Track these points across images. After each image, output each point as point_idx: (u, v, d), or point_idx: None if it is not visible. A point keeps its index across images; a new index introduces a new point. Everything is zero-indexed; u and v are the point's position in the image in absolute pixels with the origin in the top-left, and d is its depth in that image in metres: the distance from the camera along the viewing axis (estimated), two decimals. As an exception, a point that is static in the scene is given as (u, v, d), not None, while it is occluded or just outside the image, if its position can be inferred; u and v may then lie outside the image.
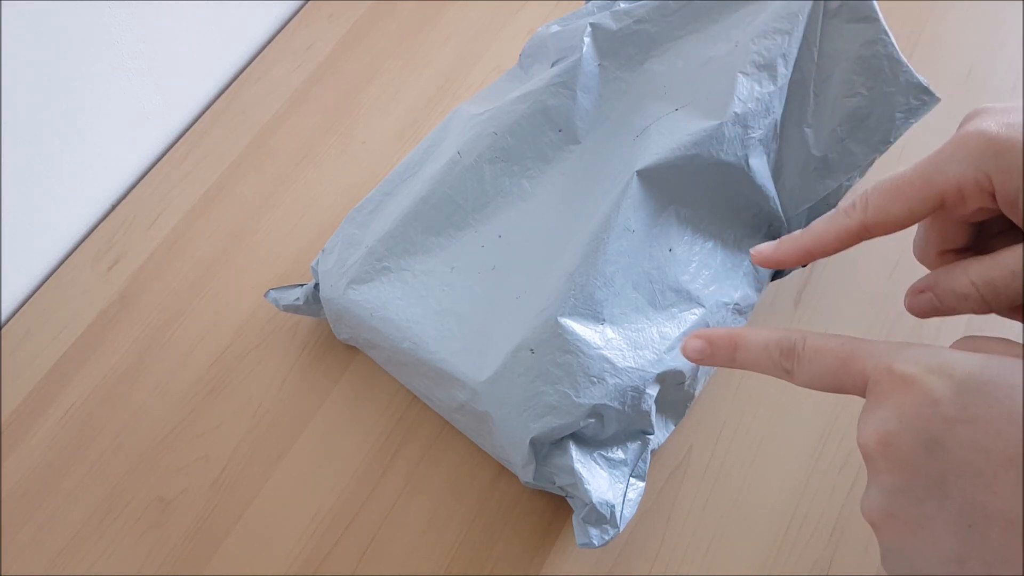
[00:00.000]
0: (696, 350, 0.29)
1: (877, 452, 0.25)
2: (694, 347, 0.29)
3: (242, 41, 0.60)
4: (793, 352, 0.27)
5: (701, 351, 0.29)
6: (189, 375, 0.48)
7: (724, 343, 0.29)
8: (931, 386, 0.24)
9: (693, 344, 0.29)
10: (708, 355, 0.29)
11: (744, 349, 0.28)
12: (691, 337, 0.29)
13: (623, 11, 0.45)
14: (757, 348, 0.28)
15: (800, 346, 0.27)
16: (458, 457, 0.45)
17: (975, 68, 0.55)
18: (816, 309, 0.48)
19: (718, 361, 0.29)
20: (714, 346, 0.29)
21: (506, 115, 0.44)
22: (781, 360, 0.28)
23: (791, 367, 0.27)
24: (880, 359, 0.25)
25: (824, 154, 0.44)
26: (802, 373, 0.27)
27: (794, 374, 0.27)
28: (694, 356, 0.29)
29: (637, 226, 0.41)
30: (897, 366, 0.25)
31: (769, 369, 0.28)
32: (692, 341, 0.29)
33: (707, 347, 0.29)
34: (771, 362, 0.28)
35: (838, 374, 0.26)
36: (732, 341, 0.29)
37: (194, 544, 0.43)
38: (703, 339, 0.29)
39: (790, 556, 0.41)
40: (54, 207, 0.52)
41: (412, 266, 0.43)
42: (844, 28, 0.43)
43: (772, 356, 0.28)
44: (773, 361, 0.28)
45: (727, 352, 0.29)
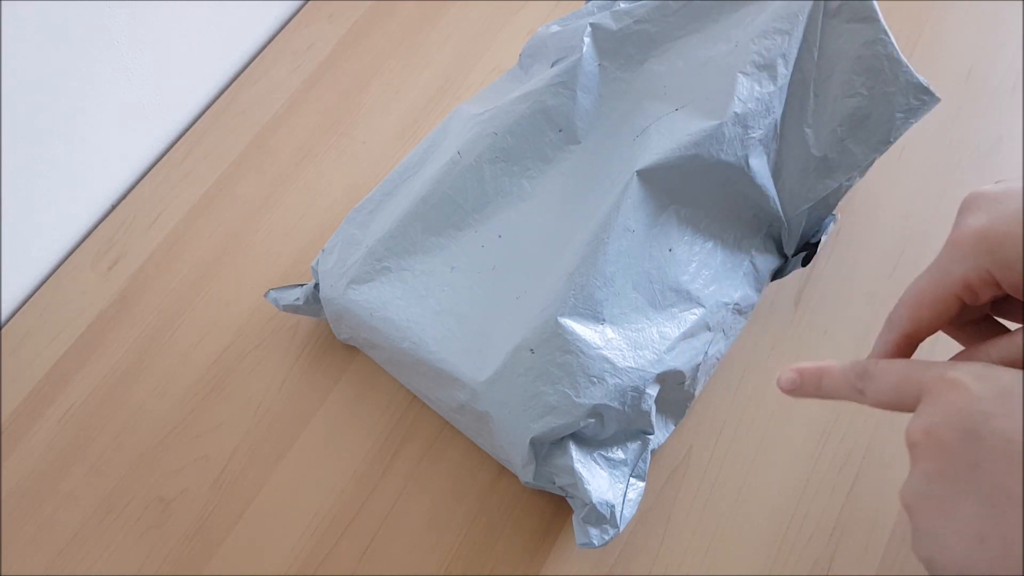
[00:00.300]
0: (790, 381, 0.33)
1: (921, 441, 0.27)
2: (788, 379, 0.33)
3: (242, 41, 0.60)
4: (866, 373, 0.31)
5: (794, 383, 0.33)
6: (189, 375, 0.48)
7: (812, 375, 0.33)
8: (976, 388, 0.27)
9: (788, 376, 0.33)
10: (799, 386, 0.33)
11: (828, 377, 0.32)
12: (787, 371, 0.33)
13: (623, 11, 0.45)
14: (838, 376, 0.32)
15: (872, 369, 0.31)
16: (458, 457, 0.45)
17: (975, 68, 0.55)
18: (816, 309, 0.48)
19: (807, 390, 0.33)
20: (804, 377, 0.33)
21: (506, 115, 0.44)
22: (856, 382, 0.31)
23: (863, 386, 0.31)
24: (936, 371, 0.28)
25: (824, 154, 0.44)
26: (871, 390, 0.30)
27: (866, 392, 0.31)
28: (788, 387, 0.33)
29: (637, 226, 0.41)
30: (949, 374, 0.28)
31: (846, 392, 0.31)
32: (787, 374, 0.33)
33: (798, 379, 0.33)
34: (848, 385, 0.31)
35: (900, 387, 0.29)
36: (819, 373, 0.32)
37: (194, 544, 0.43)
38: (796, 372, 0.33)
39: (790, 556, 0.41)
40: (54, 207, 0.52)
41: (412, 266, 0.43)
42: (844, 28, 0.43)
43: (849, 380, 0.31)
44: (850, 384, 0.31)
45: (815, 382, 0.32)
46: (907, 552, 0.41)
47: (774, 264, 0.46)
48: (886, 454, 0.44)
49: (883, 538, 0.42)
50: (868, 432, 0.44)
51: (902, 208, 0.50)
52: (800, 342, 0.47)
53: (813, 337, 0.47)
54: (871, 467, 0.43)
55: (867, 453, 0.44)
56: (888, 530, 0.42)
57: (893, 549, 0.41)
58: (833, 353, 0.46)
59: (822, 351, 0.46)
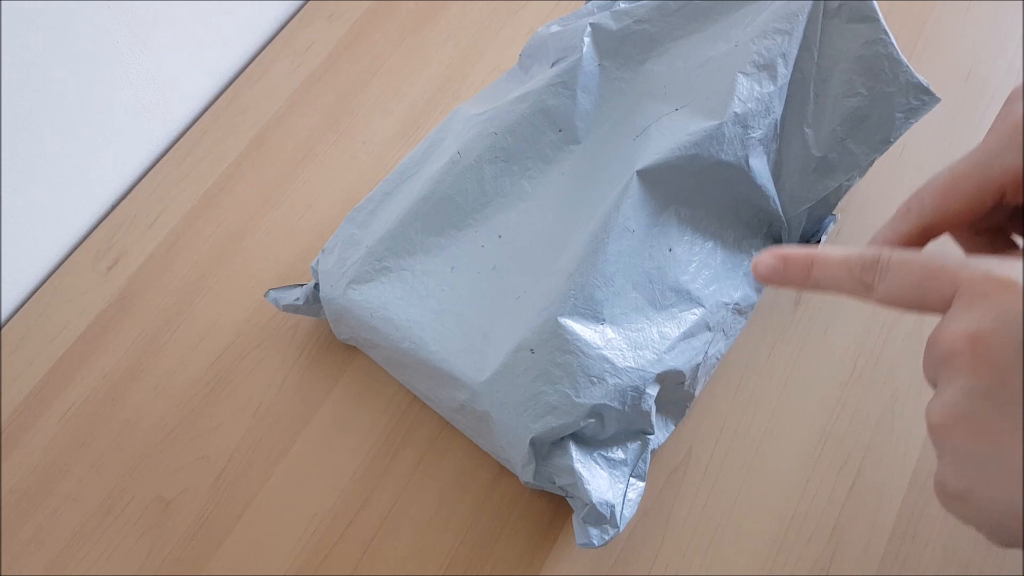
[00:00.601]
0: (769, 267, 0.28)
1: (965, 350, 0.23)
2: (767, 264, 0.28)
3: (242, 41, 0.60)
4: (876, 265, 0.26)
5: (774, 269, 0.28)
6: (189, 375, 0.48)
7: (800, 261, 0.27)
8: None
9: (766, 261, 0.28)
10: (780, 274, 0.28)
11: (821, 266, 0.27)
12: (765, 254, 0.28)
13: (623, 11, 0.45)
14: (835, 264, 0.27)
15: (886, 257, 0.26)
16: (458, 457, 0.45)
17: (975, 68, 0.55)
18: (816, 309, 0.48)
19: (791, 279, 0.28)
20: (788, 264, 0.27)
21: (506, 115, 0.44)
22: (861, 274, 0.26)
23: (872, 280, 0.26)
24: (975, 267, 0.24)
25: (824, 154, 0.44)
26: (884, 286, 0.26)
27: (874, 288, 0.26)
28: (766, 274, 0.28)
29: (637, 226, 0.41)
30: (996, 271, 0.23)
31: (846, 285, 0.27)
32: (765, 258, 0.28)
33: (780, 265, 0.28)
34: (850, 277, 0.26)
35: (924, 284, 0.25)
36: (808, 259, 0.27)
37: (194, 544, 0.43)
38: (777, 257, 0.27)
39: (790, 556, 0.41)
40: (54, 207, 0.52)
41: (412, 266, 0.43)
42: (844, 28, 0.43)
43: (852, 271, 0.26)
44: (852, 276, 0.26)
45: (802, 270, 0.27)
46: (907, 552, 0.41)
47: (774, 264, 0.46)
48: (886, 454, 0.44)
49: (883, 538, 0.42)
50: (868, 432, 0.44)
51: (902, 208, 0.50)
52: (800, 342, 0.47)
53: (813, 337, 0.47)
54: (871, 467, 0.43)
55: (867, 453, 0.44)
56: (888, 530, 0.42)
57: (893, 549, 0.41)
58: (833, 353, 0.46)
59: (822, 351, 0.46)
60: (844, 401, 0.45)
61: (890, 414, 0.44)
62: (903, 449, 0.44)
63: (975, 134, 0.52)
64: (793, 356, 0.46)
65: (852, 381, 0.45)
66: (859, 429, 0.44)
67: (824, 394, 0.45)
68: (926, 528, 0.42)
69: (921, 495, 0.42)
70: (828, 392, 0.45)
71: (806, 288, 0.28)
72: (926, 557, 0.41)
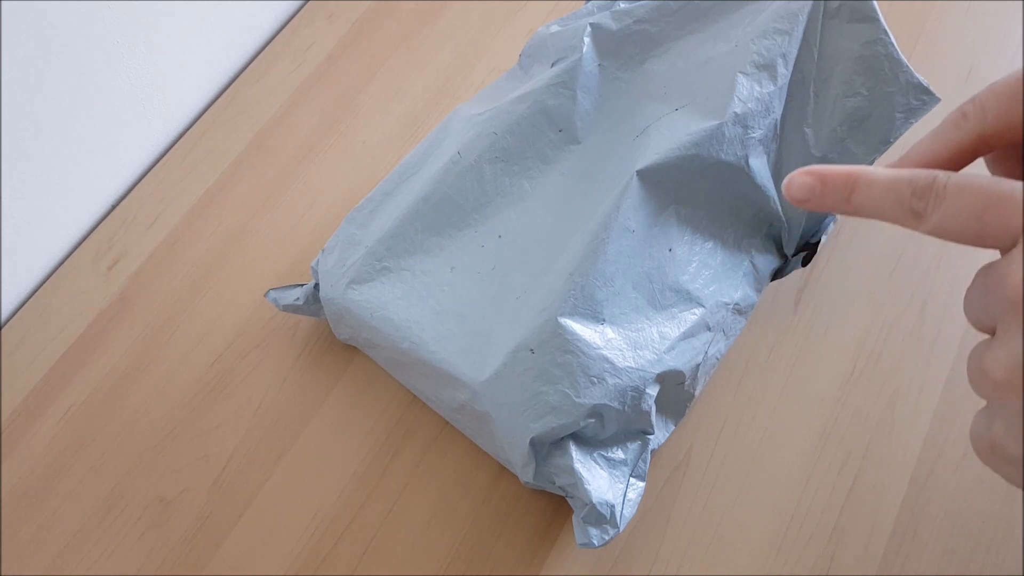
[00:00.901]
0: (805, 187, 0.25)
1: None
2: (802, 184, 0.25)
3: (242, 41, 0.60)
4: (931, 189, 0.22)
5: (810, 189, 0.25)
6: (189, 375, 0.48)
7: (840, 181, 0.24)
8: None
9: (801, 181, 0.25)
10: (818, 195, 0.25)
11: (865, 188, 0.24)
12: (800, 173, 0.24)
13: (623, 11, 0.45)
14: (882, 187, 0.23)
15: (942, 181, 0.22)
16: (458, 457, 0.45)
17: (975, 68, 0.55)
18: (816, 309, 0.48)
19: (829, 202, 0.24)
20: (827, 184, 0.24)
21: (506, 115, 0.44)
22: (912, 201, 0.23)
23: (924, 208, 0.23)
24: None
25: (824, 154, 0.44)
26: (938, 215, 0.22)
27: (926, 217, 0.23)
28: (800, 195, 0.25)
29: (637, 226, 0.41)
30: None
31: (893, 212, 0.23)
32: (801, 178, 0.24)
33: (818, 185, 0.25)
34: (897, 203, 0.23)
35: (985, 216, 0.22)
36: (851, 179, 0.24)
37: (194, 544, 0.43)
38: (814, 176, 0.24)
39: (790, 556, 0.41)
40: (54, 207, 0.52)
41: (412, 266, 0.43)
42: (844, 28, 0.43)
43: (901, 196, 0.23)
44: (901, 201, 0.23)
45: (842, 192, 0.24)
46: (907, 552, 0.41)
47: (774, 264, 0.46)
48: (886, 454, 0.44)
49: (883, 538, 0.42)
50: (868, 432, 0.44)
51: (902, 208, 0.50)
52: (800, 342, 0.47)
53: (813, 337, 0.47)
54: (871, 467, 0.43)
55: (867, 453, 0.44)
56: (888, 530, 0.42)
57: (893, 549, 0.41)
58: (833, 353, 0.46)
59: (822, 351, 0.46)
60: (844, 401, 0.45)
61: (890, 414, 0.44)
62: (903, 449, 0.44)
63: (975, 134, 0.52)
64: (793, 356, 0.46)
65: (852, 381, 0.45)
66: (859, 429, 0.44)
67: (824, 394, 0.45)
68: (926, 528, 0.42)
69: (921, 495, 0.42)
70: (828, 392, 0.45)
71: (845, 212, 0.25)
72: (926, 557, 0.41)
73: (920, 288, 0.48)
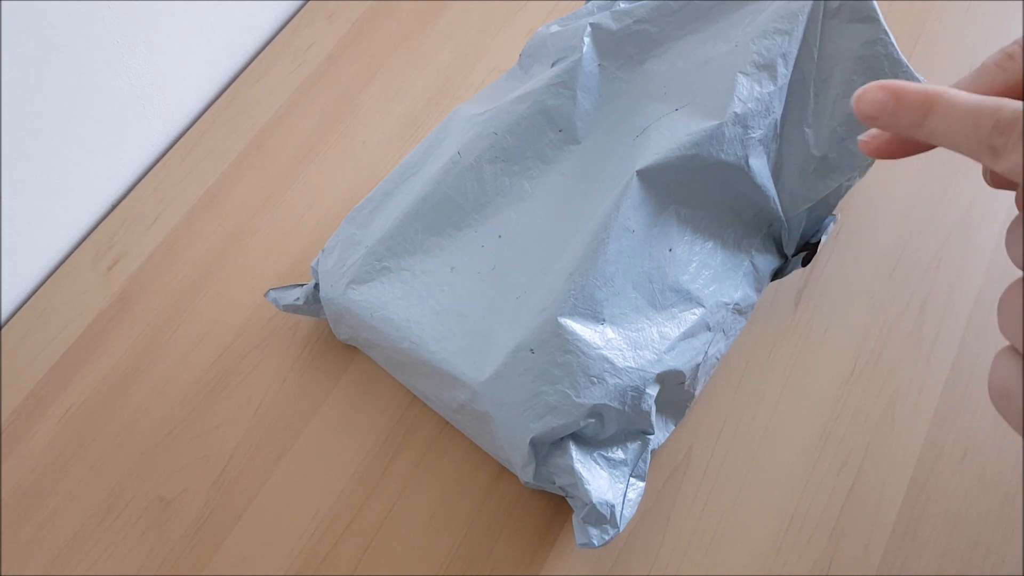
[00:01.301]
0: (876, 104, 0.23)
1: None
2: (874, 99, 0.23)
3: (242, 41, 0.60)
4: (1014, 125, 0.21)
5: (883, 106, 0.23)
6: (189, 375, 0.48)
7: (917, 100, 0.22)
8: None
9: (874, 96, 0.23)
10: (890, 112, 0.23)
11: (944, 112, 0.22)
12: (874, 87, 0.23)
13: (623, 11, 0.45)
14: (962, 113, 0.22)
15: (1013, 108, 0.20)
16: (458, 457, 0.45)
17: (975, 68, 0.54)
18: (816, 309, 0.48)
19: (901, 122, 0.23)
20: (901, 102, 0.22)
21: (506, 115, 0.44)
22: (993, 134, 0.21)
23: (1004, 144, 0.21)
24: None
25: (824, 154, 0.44)
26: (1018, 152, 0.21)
27: (1004, 154, 0.21)
28: (871, 110, 0.23)
29: (637, 226, 0.41)
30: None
31: (968, 143, 0.22)
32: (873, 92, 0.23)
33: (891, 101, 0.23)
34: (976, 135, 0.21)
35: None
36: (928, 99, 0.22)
37: (194, 544, 0.43)
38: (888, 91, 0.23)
39: (790, 556, 0.41)
40: (54, 207, 0.52)
41: (412, 266, 0.43)
42: (844, 28, 0.43)
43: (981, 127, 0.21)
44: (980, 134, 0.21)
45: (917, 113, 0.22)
46: (907, 552, 0.41)
47: (774, 264, 0.46)
48: (886, 454, 0.44)
49: (883, 538, 0.42)
50: (868, 432, 0.44)
51: (902, 208, 0.50)
52: (800, 342, 0.47)
53: (813, 337, 0.47)
54: (871, 467, 0.43)
55: (867, 453, 0.44)
56: (888, 530, 0.42)
57: (893, 549, 0.41)
58: (833, 353, 0.46)
59: (822, 351, 0.46)
60: (844, 401, 0.45)
61: (890, 414, 0.44)
62: (903, 449, 0.44)
63: (975, 134, 0.52)
64: (793, 356, 0.46)
65: (852, 381, 0.45)
66: (859, 429, 0.44)
67: (824, 394, 0.45)
68: (926, 528, 0.42)
69: (921, 495, 0.42)
70: (828, 392, 0.45)
71: (917, 135, 0.23)
72: (926, 557, 0.41)
73: (920, 288, 0.48)
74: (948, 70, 0.55)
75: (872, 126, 0.23)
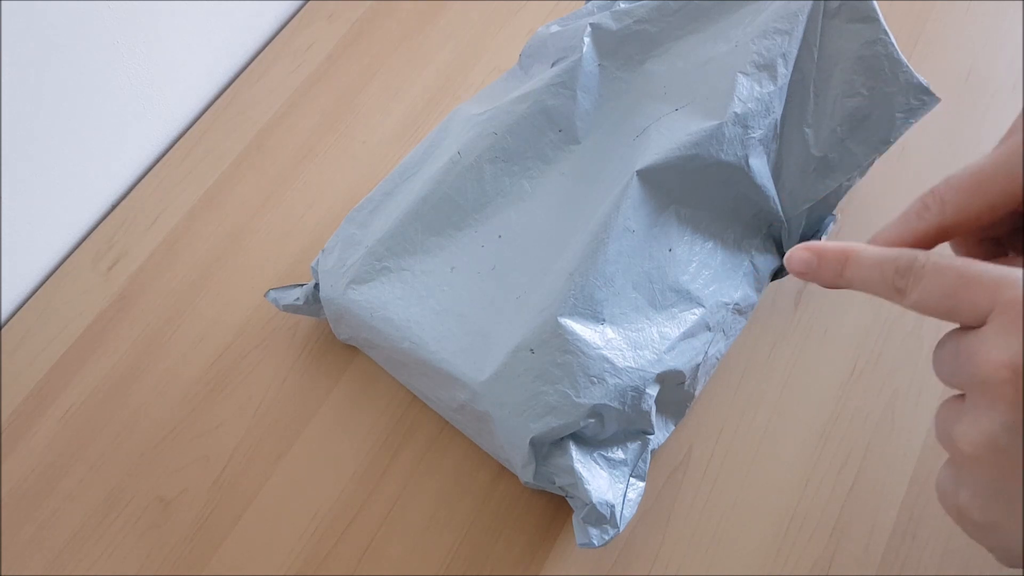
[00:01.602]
0: (803, 262, 0.27)
1: (1008, 380, 0.22)
2: (801, 259, 0.27)
3: (242, 41, 0.60)
4: (911, 270, 0.25)
5: (808, 264, 0.27)
6: (189, 375, 0.48)
7: (833, 257, 0.26)
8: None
9: (800, 256, 0.27)
10: (814, 270, 0.27)
11: (855, 265, 0.26)
12: (799, 248, 0.27)
13: (623, 11, 0.45)
14: (869, 264, 0.26)
15: (921, 262, 0.24)
16: (458, 457, 0.45)
17: (975, 68, 0.55)
18: (816, 309, 0.48)
19: (824, 277, 0.27)
20: (822, 260, 0.27)
21: (506, 115, 0.44)
22: (895, 278, 0.25)
23: (905, 285, 0.25)
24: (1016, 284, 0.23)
25: (824, 154, 0.44)
26: (917, 291, 0.24)
27: (907, 293, 0.25)
28: (799, 268, 0.27)
29: (637, 226, 0.41)
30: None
31: (879, 287, 0.26)
32: (800, 253, 0.27)
33: (814, 260, 0.27)
34: (883, 280, 0.25)
35: (958, 295, 0.24)
36: (843, 256, 0.26)
37: (194, 544, 0.43)
38: (812, 252, 0.27)
39: (790, 556, 0.41)
40: (54, 207, 0.52)
41: (412, 266, 0.43)
42: (844, 28, 0.43)
43: (885, 273, 0.25)
44: (886, 279, 0.25)
45: (835, 268, 0.26)
46: (907, 552, 0.41)
47: (774, 264, 0.46)
48: (886, 454, 0.44)
49: (883, 538, 0.42)
50: (868, 432, 0.44)
51: (902, 208, 0.50)
52: (800, 342, 0.47)
53: (813, 337, 0.47)
54: (871, 467, 0.43)
55: (867, 453, 0.44)
56: (888, 530, 0.42)
57: (893, 549, 0.41)
58: (833, 353, 0.46)
59: (822, 351, 0.46)
60: (844, 401, 0.45)
61: (890, 414, 0.44)
62: (903, 449, 0.44)
63: (975, 134, 0.52)
64: (793, 356, 0.46)
65: (852, 381, 0.45)
66: (859, 429, 0.44)
67: (824, 394, 0.45)
68: (926, 528, 0.42)
69: (921, 495, 0.42)
70: (828, 392, 0.45)
71: (839, 285, 0.27)
72: (926, 557, 0.41)
73: (920, 288, 0.48)
74: (948, 70, 0.55)
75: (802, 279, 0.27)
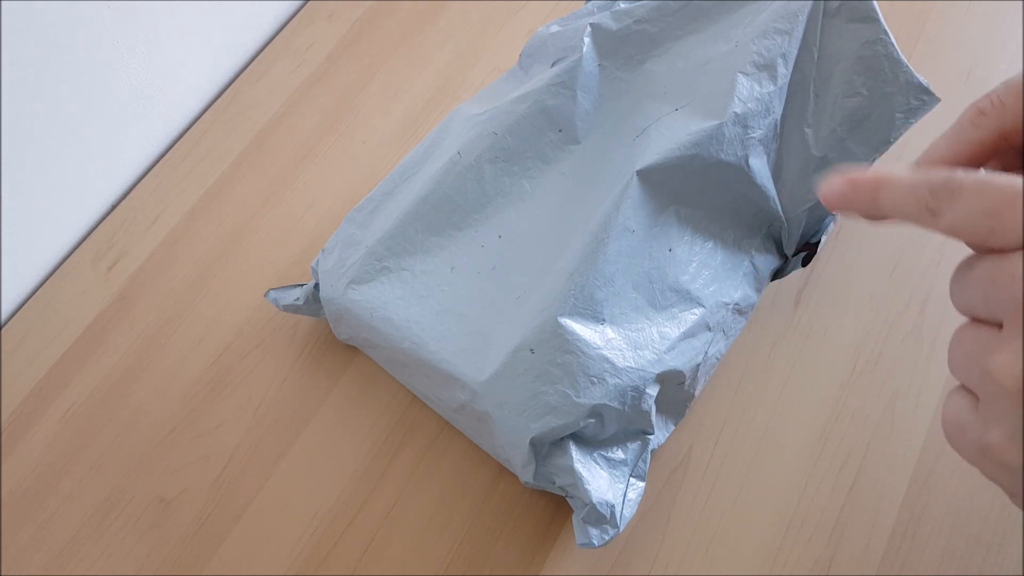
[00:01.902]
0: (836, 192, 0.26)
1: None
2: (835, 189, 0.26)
3: (242, 41, 0.60)
4: (947, 187, 0.23)
5: (842, 194, 0.26)
6: (189, 375, 0.48)
7: (867, 185, 0.25)
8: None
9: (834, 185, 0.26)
10: (849, 199, 0.26)
11: (889, 189, 0.25)
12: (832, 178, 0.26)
13: (623, 11, 0.45)
14: (903, 188, 0.24)
15: (959, 179, 0.23)
16: (458, 457, 0.45)
17: (975, 68, 0.55)
18: (816, 309, 0.48)
19: (858, 205, 0.26)
20: (856, 189, 0.25)
21: (506, 115, 0.44)
22: (929, 198, 0.23)
23: (939, 206, 0.23)
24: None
25: (824, 154, 0.44)
26: (952, 211, 0.23)
27: (941, 214, 0.23)
28: (833, 199, 0.26)
29: (637, 226, 0.41)
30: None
31: (912, 211, 0.24)
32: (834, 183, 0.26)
33: (848, 189, 0.26)
34: (917, 202, 0.24)
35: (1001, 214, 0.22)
36: (876, 183, 0.25)
37: (194, 544, 0.43)
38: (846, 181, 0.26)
39: (790, 556, 0.41)
40: (54, 207, 0.52)
41: (412, 266, 0.43)
42: (844, 28, 0.43)
43: (919, 195, 0.24)
44: (920, 201, 0.24)
45: (869, 194, 0.25)
46: (907, 552, 0.41)
47: (774, 264, 0.46)
48: (886, 454, 0.44)
49: (883, 538, 0.42)
50: (868, 432, 0.44)
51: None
52: (800, 342, 0.47)
53: (813, 337, 0.47)
54: (871, 467, 0.43)
55: (867, 453, 0.44)
56: (888, 530, 0.42)
57: (893, 549, 0.41)
58: (833, 353, 0.46)
59: (822, 351, 0.46)
60: (844, 401, 0.45)
61: (890, 414, 0.44)
62: (903, 449, 0.44)
63: (975, 134, 0.52)
64: (793, 356, 0.46)
65: (852, 381, 0.45)
66: (859, 429, 0.44)
67: (824, 394, 0.45)
68: (926, 528, 0.42)
69: (921, 495, 0.42)
70: (828, 392, 0.45)
71: (873, 212, 0.26)
72: (926, 557, 0.41)
73: (920, 288, 0.48)
74: (948, 70, 0.55)
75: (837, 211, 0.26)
